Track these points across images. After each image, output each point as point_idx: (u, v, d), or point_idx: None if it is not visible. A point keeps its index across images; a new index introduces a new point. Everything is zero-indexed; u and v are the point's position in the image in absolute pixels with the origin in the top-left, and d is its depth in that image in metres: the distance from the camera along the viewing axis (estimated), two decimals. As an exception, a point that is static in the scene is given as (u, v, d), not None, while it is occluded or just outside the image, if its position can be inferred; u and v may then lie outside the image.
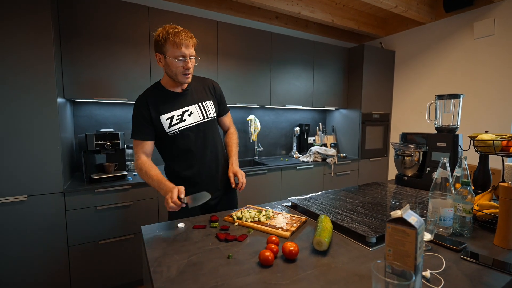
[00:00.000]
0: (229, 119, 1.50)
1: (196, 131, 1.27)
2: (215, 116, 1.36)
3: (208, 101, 1.33)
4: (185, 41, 1.13)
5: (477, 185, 1.29)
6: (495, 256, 0.83)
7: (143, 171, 1.19)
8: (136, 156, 1.24)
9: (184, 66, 1.16)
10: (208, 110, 1.32)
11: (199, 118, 1.28)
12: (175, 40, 1.12)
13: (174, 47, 1.12)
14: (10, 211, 1.56)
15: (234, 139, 1.44)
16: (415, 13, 2.71)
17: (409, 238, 0.60)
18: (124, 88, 2.07)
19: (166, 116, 1.22)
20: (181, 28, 1.15)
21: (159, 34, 1.15)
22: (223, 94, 1.45)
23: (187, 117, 1.25)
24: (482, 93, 2.56)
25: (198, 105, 1.29)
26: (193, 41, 1.17)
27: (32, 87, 1.56)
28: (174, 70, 1.17)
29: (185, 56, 1.15)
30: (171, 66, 1.16)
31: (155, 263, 0.79)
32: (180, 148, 1.26)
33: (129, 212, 1.90)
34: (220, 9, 2.66)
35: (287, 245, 0.80)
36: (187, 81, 1.22)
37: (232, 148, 1.40)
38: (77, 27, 1.88)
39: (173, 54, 1.14)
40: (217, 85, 1.42)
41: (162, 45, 1.14)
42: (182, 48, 1.13)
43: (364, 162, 3.21)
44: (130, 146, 2.30)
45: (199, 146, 1.28)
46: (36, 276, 1.64)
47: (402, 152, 1.68)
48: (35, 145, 1.59)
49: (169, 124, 1.22)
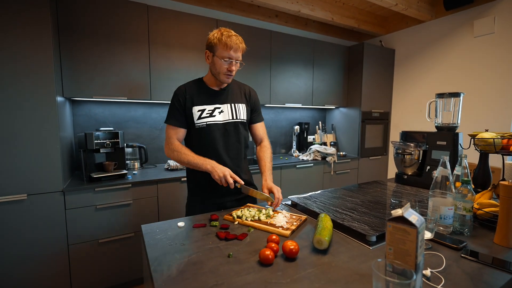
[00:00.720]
0: (263, 129, 1.47)
1: (222, 129, 1.30)
2: (244, 119, 1.36)
3: (241, 104, 1.36)
4: (235, 45, 1.21)
5: (477, 183, 1.29)
6: (495, 254, 0.83)
7: (182, 152, 1.24)
8: (170, 141, 1.29)
9: (228, 68, 1.23)
10: (239, 112, 1.34)
11: (228, 117, 1.32)
12: (227, 43, 1.20)
13: (224, 48, 1.20)
14: (10, 210, 1.55)
15: (268, 153, 1.40)
16: (415, 11, 2.70)
17: (409, 237, 0.59)
18: (124, 86, 2.06)
19: (198, 108, 1.28)
20: (235, 34, 1.24)
21: (214, 34, 1.23)
22: (259, 102, 1.47)
23: (217, 113, 1.30)
24: (482, 91, 2.56)
25: (230, 105, 1.33)
26: (242, 46, 1.24)
27: (31, 86, 1.56)
28: (218, 69, 1.24)
29: (232, 59, 1.22)
30: (217, 65, 1.24)
31: (156, 262, 0.79)
32: (204, 142, 1.29)
33: (129, 211, 1.90)
34: (220, 7, 2.64)
35: (287, 244, 0.80)
36: (228, 81, 1.29)
37: (265, 163, 1.36)
38: (76, 26, 1.87)
39: (221, 54, 1.21)
40: (255, 93, 1.46)
41: (214, 44, 1.22)
42: (231, 51, 1.21)
43: (364, 161, 3.21)
44: (130, 145, 2.30)
45: (222, 145, 1.31)
46: (36, 275, 1.64)
47: (402, 150, 1.68)
48: (34, 144, 1.59)
49: (198, 116, 1.28)
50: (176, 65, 2.25)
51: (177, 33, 2.22)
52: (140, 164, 2.33)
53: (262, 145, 1.45)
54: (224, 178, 1.14)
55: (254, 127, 1.45)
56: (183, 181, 2.07)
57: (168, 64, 2.21)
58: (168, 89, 2.23)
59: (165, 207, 2.02)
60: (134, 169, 2.28)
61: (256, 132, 1.46)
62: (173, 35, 2.21)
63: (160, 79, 2.19)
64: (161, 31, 2.16)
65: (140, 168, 2.32)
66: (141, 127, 2.45)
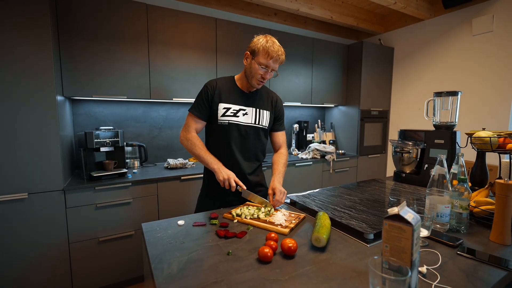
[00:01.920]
0: (283, 138, 1.50)
1: (242, 131, 1.33)
2: (266, 126, 1.39)
3: (266, 110, 1.39)
4: (275, 56, 1.23)
5: (474, 181, 1.30)
6: (491, 251, 0.85)
7: (196, 144, 1.29)
8: (188, 129, 1.32)
9: (263, 75, 1.26)
10: (262, 118, 1.37)
11: (251, 121, 1.34)
12: (269, 51, 1.22)
13: (265, 56, 1.23)
14: (11, 209, 1.56)
15: (283, 158, 1.42)
16: (414, 10, 2.70)
17: (405, 235, 0.61)
18: (123, 86, 2.07)
19: (224, 106, 1.31)
20: (278, 44, 1.26)
21: (260, 39, 1.27)
22: (283, 112, 1.50)
23: (241, 115, 1.32)
24: (480, 90, 2.57)
25: (255, 110, 1.36)
26: (282, 59, 1.26)
27: (31, 85, 1.56)
28: (253, 73, 1.27)
29: (269, 68, 1.25)
30: (253, 69, 1.26)
31: (156, 259, 0.80)
32: (222, 139, 1.32)
33: (129, 209, 1.91)
34: (219, 6, 2.64)
35: (286, 241, 0.81)
36: (258, 87, 1.32)
37: (278, 166, 1.37)
38: (75, 25, 1.87)
39: (259, 60, 1.24)
40: (281, 102, 1.48)
41: (256, 49, 1.25)
42: (271, 60, 1.23)
43: (362, 159, 3.22)
44: (130, 143, 2.31)
45: (239, 146, 1.33)
46: (38, 273, 1.65)
47: (400, 149, 1.69)
48: (35, 143, 1.59)
49: (223, 113, 1.30)
50: (176, 64, 2.25)
51: (176, 32, 2.23)
52: (140, 163, 2.34)
53: (279, 152, 1.46)
54: (227, 180, 1.17)
55: (275, 135, 1.48)
56: (183, 180, 2.08)
57: (168, 63, 2.22)
58: (167, 88, 2.23)
59: (165, 205, 2.03)
60: (134, 167, 2.29)
61: (276, 140, 1.48)
62: (172, 34, 2.21)
63: (159, 78, 2.19)
64: (160, 30, 2.16)
65: (140, 167, 2.33)
66: (140, 126, 2.46)
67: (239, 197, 1.28)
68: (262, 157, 1.45)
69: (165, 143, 2.57)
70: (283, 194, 1.22)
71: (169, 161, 2.30)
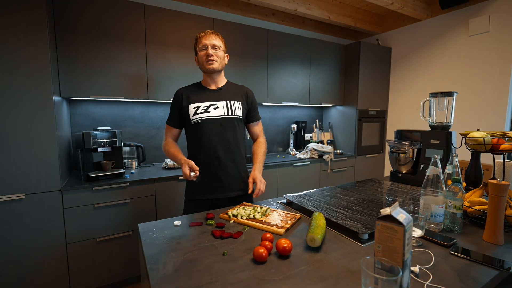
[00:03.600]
0: (260, 128, 1.53)
1: (217, 125, 1.35)
2: (240, 116, 1.41)
3: (237, 101, 1.41)
4: (205, 35, 1.34)
5: (469, 181, 1.31)
6: (483, 251, 0.86)
7: (166, 148, 1.38)
8: (165, 137, 1.45)
9: (206, 53, 1.33)
10: (234, 108, 1.39)
11: (223, 113, 1.37)
12: (198, 37, 1.35)
13: (199, 42, 1.35)
14: (8, 210, 1.56)
15: (261, 148, 1.46)
16: (411, 10, 2.71)
17: (397, 235, 0.61)
18: (121, 86, 2.07)
19: (194, 105, 1.36)
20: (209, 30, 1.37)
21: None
22: (256, 103, 1.52)
23: (212, 109, 1.36)
24: (477, 90, 2.59)
25: (226, 102, 1.39)
26: (214, 35, 1.34)
27: (28, 86, 1.56)
28: (200, 61, 1.36)
29: (206, 45, 1.33)
30: (199, 58, 1.37)
31: (152, 260, 0.80)
32: (200, 137, 1.35)
33: (127, 210, 1.91)
34: (216, 6, 2.65)
35: (280, 242, 0.82)
36: (211, 67, 1.34)
37: (257, 156, 1.42)
38: (72, 25, 1.87)
39: (198, 47, 1.35)
40: (252, 93, 1.51)
41: (194, 46, 1.38)
42: (203, 40, 1.33)
43: (360, 159, 3.24)
44: (128, 144, 2.31)
45: (217, 139, 1.35)
46: (35, 273, 1.66)
47: (396, 149, 1.70)
48: (32, 144, 1.59)
49: (194, 113, 1.35)
50: (173, 64, 2.25)
51: (174, 32, 2.23)
52: (137, 163, 2.35)
53: (258, 141, 1.51)
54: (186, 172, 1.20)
55: (252, 126, 1.51)
56: (180, 180, 2.08)
57: (165, 63, 2.22)
58: (165, 88, 2.24)
59: (162, 205, 2.04)
60: (131, 168, 2.29)
61: (253, 130, 1.52)
62: (170, 34, 2.21)
63: (157, 78, 2.20)
64: (158, 31, 2.16)
65: (138, 167, 2.33)
66: (138, 126, 2.46)
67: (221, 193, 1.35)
68: (242, 147, 1.45)
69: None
70: (263, 184, 1.29)
71: (167, 161, 2.30)
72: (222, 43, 1.37)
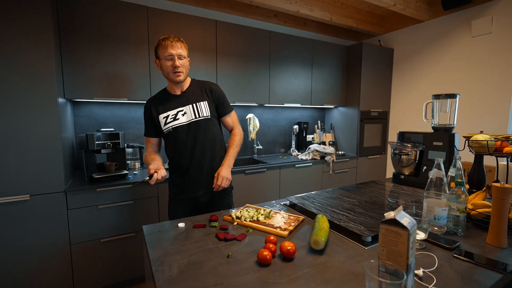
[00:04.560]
0: (232, 119, 1.53)
1: (188, 130, 1.38)
2: (208, 116, 1.42)
3: (202, 101, 1.42)
4: (171, 43, 1.30)
5: (472, 183, 1.31)
6: (487, 254, 0.86)
7: (147, 158, 1.40)
8: (146, 149, 1.48)
9: (172, 65, 1.31)
10: (201, 110, 1.41)
11: (191, 117, 1.39)
12: (163, 43, 1.31)
13: (163, 49, 1.31)
14: (13, 210, 1.58)
15: (235, 140, 1.48)
16: (414, 11, 2.71)
17: (401, 239, 0.62)
18: (124, 87, 2.08)
19: (163, 115, 1.39)
20: (173, 35, 1.34)
21: (155, 42, 1.36)
22: (224, 95, 1.51)
23: (180, 116, 1.39)
24: (480, 92, 2.58)
25: (192, 106, 1.40)
26: (180, 43, 1.33)
27: (33, 88, 1.57)
28: (166, 70, 1.34)
29: (172, 55, 1.30)
30: (163, 66, 1.34)
31: (157, 262, 0.81)
32: (174, 144, 1.40)
33: (130, 211, 1.92)
34: (219, 8, 2.66)
35: (284, 244, 0.83)
36: (178, 79, 1.35)
37: (229, 149, 1.45)
38: (76, 28, 1.89)
39: (162, 56, 1.32)
40: (216, 87, 1.49)
41: (156, 51, 1.35)
42: (169, 48, 1.30)
43: (362, 160, 3.23)
44: (131, 145, 2.32)
45: (189, 144, 1.39)
46: (39, 273, 1.67)
47: (399, 151, 1.70)
48: (37, 145, 1.61)
49: (164, 123, 1.38)
50: (176, 66, 2.26)
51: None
52: (140, 164, 2.36)
53: (232, 133, 1.52)
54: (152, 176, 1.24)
55: (224, 119, 1.52)
56: (183, 181, 2.09)
57: (168, 65, 2.23)
58: (168, 90, 2.24)
59: (165, 206, 2.05)
60: (134, 169, 2.30)
61: (226, 124, 1.53)
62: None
63: (159, 80, 2.21)
64: (160, 33, 2.17)
65: (141, 168, 2.34)
66: (141, 128, 2.47)
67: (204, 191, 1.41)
68: (221, 147, 1.48)
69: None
70: (225, 180, 1.34)
71: (170, 163, 2.31)
72: (186, 51, 1.37)
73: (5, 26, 1.48)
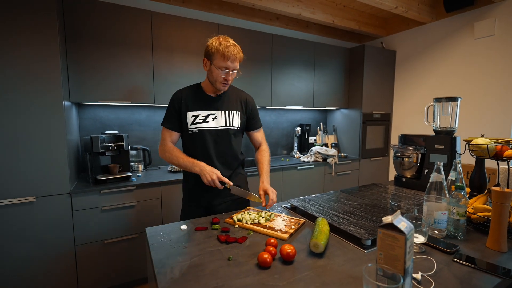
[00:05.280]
0: (261, 135, 1.51)
1: (214, 136, 1.33)
2: (238, 127, 1.38)
3: (235, 111, 1.38)
4: (232, 56, 1.22)
5: (474, 187, 1.31)
6: (487, 258, 0.86)
7: (173, 154, 1.30)
8: (164, 142, 1.34)
9: (225, 77, 1.26)
10: (232, 119, 1.37)
11: (221, 124, 1.34)
12: (224, 53, 1.21)
13: (222, 58, 1.22)
14: (20, 212, 1.61)
15: (265, 156, 1.43)
16: (416, 14, 2.71)
17: (398, 243, 0.63)
18: (128, 91, 2.11)
19: (192, 114, 1.32)
20: (233, 42, 1.25)
21: (213, 42, 1.25)
22: (257, 110, 1.48)
23: (210, 120, 1.33)
24: (483, 94, 2.57)
25: (224, 112, 1.35)
26: (240, 56, 1.26)
27: (39, 91, 1.61)
28: (215, 77, 1.27)
29: (228, 69, 1.24)
30: (214, 73, 1.26)
31: (159, 264, 0.83)
32: (196, 147, 1.34)
33: (134, 212, 1.95)
34: (221, 11, 2.68)
35: (284, 247, 0.84)
36: (224, 89, 1.32)
37: (263, 166, 1.40)
38: (82, 32, 1.92)
39: (218, 64, 1.23)
40: (252, 100, 1.46)
41: (212, 53, 1.24)
42: (228, 61, 1.23)
43: (365, 162, 3.23)
44: (134, 147, 2.35)
45: (214, 151, 1.34)
46: (45, 274, 1.70)
47: (400, 153, 1.71)
48: (43, 148, 1.64)
49: (192, 122, 1.31)
50: (179, 69, 2.29)
51: (180, 38, 2.26)
52: (144, 166, 2.38)
53: (261, 149, 1.48)
54: (212, 182, 1.18)
55: (253, 134, 1.49)
56: (186, 183, 2.11)
57: (171, 68, 2.26)
58: (170, 93, 2.23)
59: (168, 208, 2.07)
60: (138, 171, 2.33)
61: (254, 138, 1.50)
62: (176, 40, 2.25)
63: (163, 83, 2.24)
64: (164, 37, 2.20)
65: (144, 170, 2.37)
66: (145, 130, 2.50)
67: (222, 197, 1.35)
68: (240, 158, 1.45)
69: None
70: (274, 194, 1.27)
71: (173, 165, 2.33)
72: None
73: (12, 31, 1.52)
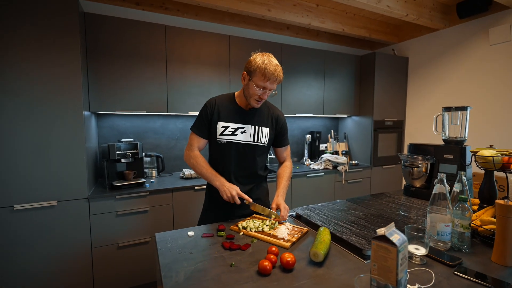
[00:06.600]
0: (287, 152, 1.52)
1: (240, 150, 1.34)
2: (265, 144, 1.39)
3: (265, 127, 1.38)
4: (272, 77, 1.22)
5: (483, 198, 1.28)
6: (491, 272, 0.85)
7: (198, 162, 1.33)
8: (191, 148, 1.37)
9: (261, 96, 1.26)
10: (261, 136, 1.37)
11: (249, 139, 1.35)
12: (265, 73, 1.21)
13: (262, 78, 1.22)
14: (43, 215, 1.73)
15: (287, 172, 1.44)
16: (428, 21, 2.68)
17: (391, 255, 0.65)
18: (143, 101, 2.22)
19: (222, 124, 1.33)
20: (276, 63, 1.24)
21: (256, 58, 1.25)
22: (287, 127, 1.48)
23: (239, 133, 1.34)
24: (497, 101, 2.49)
25: (254, 127, 1.36)
26: (280, 78, 1.25)
27: (62, 102, 1.74)
28: (251, 93, 1.27)
29: (266, 89, 1.25)
30: (250, 89, 1.26)
31: (166, 268, 0.88)
32: (220, 157, 1.36)
33: (147, 217, 2.03)
34: (233, 23, 2.77)
35: (284, 255, 0.87)
36: (256, 107, 1.32)
37: (282, 181, 1.40)
38: (102, 48, 2.06)
39: (257, 82, 1.23)
40: (283, 117, 1.47)
41: (253, 70, 1.24)
42: (267, 82, 1.23)
43: (376, 170, 3.19)
44: (148, 154, 2.45)
45: (237, 164, 1.36)
46: (63, 273, 1.80)
47: (409, 163, 1.69)
48: (64, 155, 1.76)
49: (221, 132, 1.33)
50: (191, 80, 2.39)
51: (192, 50, 2.37)
52: (157, 172, 2.48)
53: (284, 165, 1.49)
54: (232, 198, 1.22)
55: (279, 150, 1.50)
56: (196, 190, 2.18)
57: (184, 79, 2.36)
58: (183, 102, 2.37)
59: (179, 214, 2.14)
60: (151, 177, 2.42)
61: (280, 155, 1.52)
62: (188, 52, 2.35)
63: (176, 93, 2.34)
64: (177, 49, 2.31)
65: (157, 176, 2.46)
66: (159, 138, 2.61)
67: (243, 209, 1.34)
68: (262, 173, 1.46)
69: (181, 154, 2.70)
70: (286, 210, 1.27)
71: (184, 171, 2.42)
72: None
73: (38, 48, 1.66)
